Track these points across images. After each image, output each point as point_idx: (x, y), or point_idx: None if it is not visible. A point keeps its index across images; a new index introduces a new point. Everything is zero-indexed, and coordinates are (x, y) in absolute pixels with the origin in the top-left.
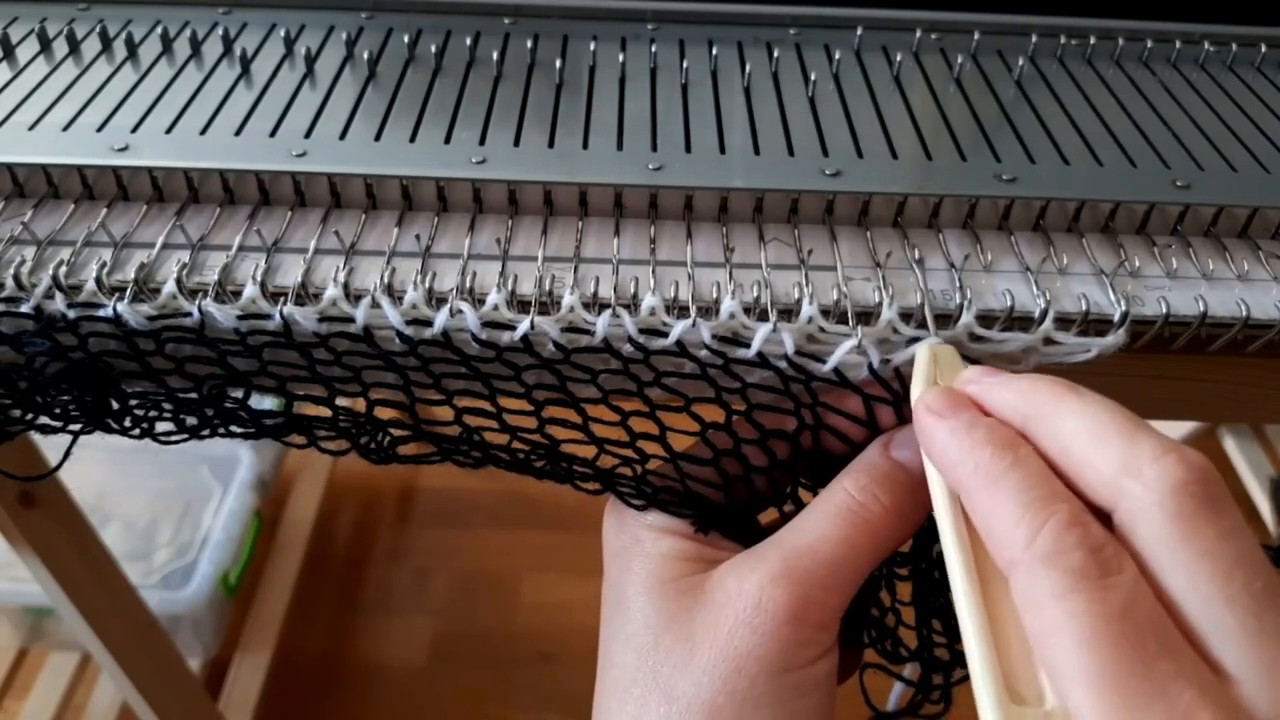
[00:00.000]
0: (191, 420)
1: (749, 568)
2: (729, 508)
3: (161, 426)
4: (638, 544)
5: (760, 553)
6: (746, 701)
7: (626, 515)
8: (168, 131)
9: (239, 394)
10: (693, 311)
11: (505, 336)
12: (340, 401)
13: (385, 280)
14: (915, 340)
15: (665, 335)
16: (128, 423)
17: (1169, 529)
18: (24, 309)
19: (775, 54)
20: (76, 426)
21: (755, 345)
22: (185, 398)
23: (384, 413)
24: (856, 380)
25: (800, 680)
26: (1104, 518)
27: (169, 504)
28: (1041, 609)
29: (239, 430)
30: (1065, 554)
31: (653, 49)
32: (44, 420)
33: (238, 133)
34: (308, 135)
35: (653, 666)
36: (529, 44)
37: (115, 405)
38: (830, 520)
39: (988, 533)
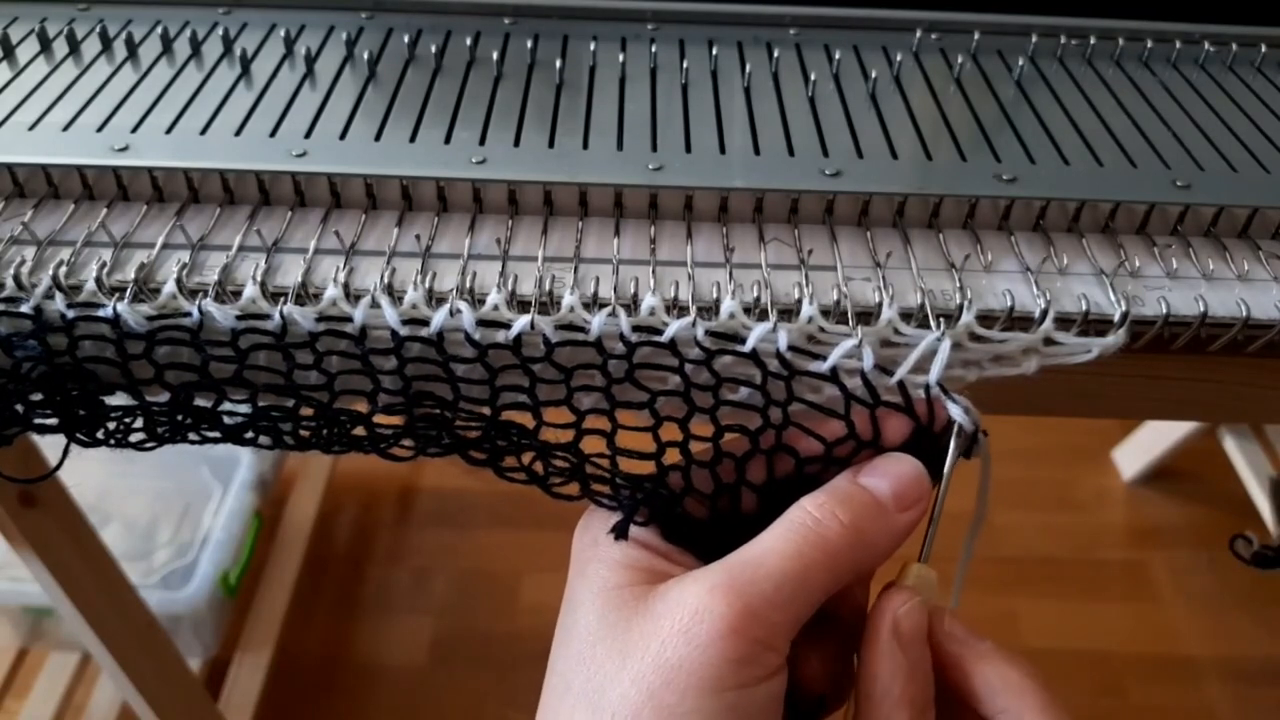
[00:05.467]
0: (163, 429)
1: (691, 579)
2: (704, 524)
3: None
4: (595, 546)
5: (708, 567)
6: (673, 717)
7: (594, 519)
8: (168, 131)
9: (210, 400)
10: (692, 311)
11: (501, 335)
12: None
13: (385, 280)
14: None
15: (661, 334)
16: (100, 434)
17: None
18: (24, 309)
19: (775, 54)
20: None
21: (751, 342)
22: (158, 405)
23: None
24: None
25: (736, 701)
26: None
27: (169, 504)
28: None
29: (210, 435)
30: None
31: (653, 49)
32: (40, 421)
33: (238, 133)
34: (308, 135)
35: (586, 675)
36: (529, 44)
37: (91, 414)
38: (782, 535)
39: None
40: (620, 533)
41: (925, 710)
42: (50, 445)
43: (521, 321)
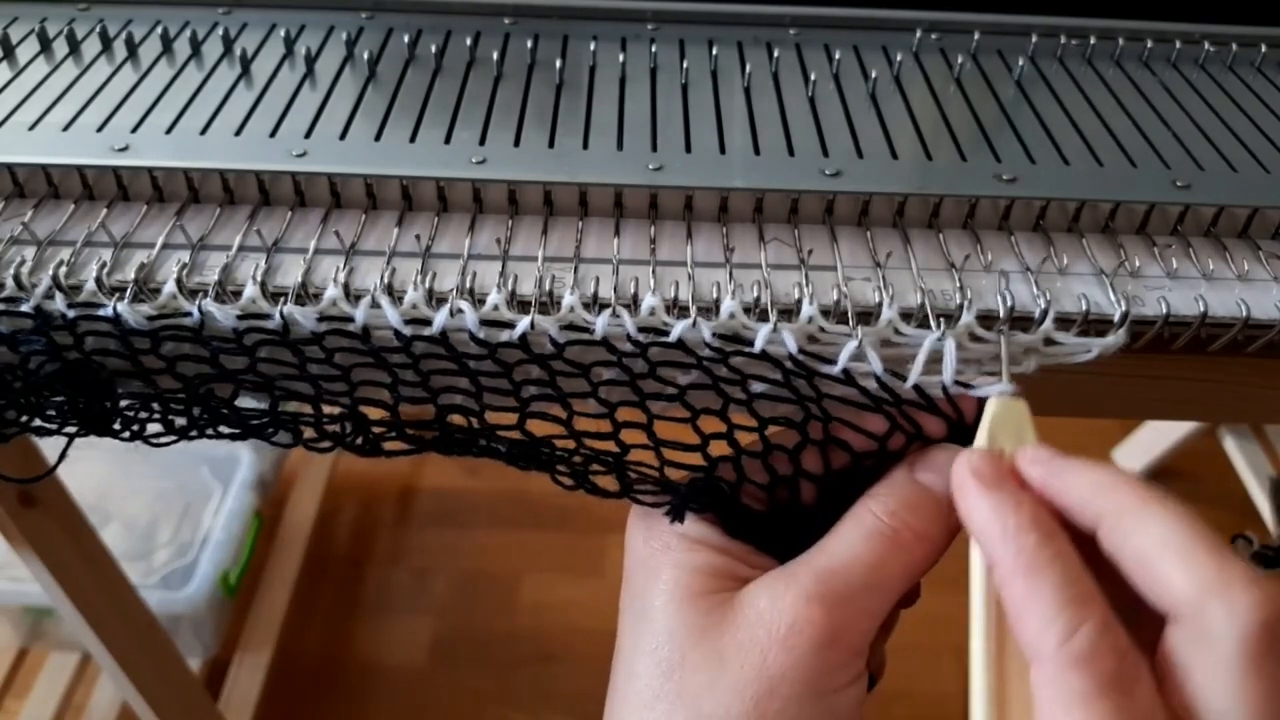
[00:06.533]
0: (180, 421)
1: (783, 586)
2: (765, 516)
3: (151, 428)
4: (668, 551)
5: (792, 572)
6: None
7: (656, 521)
8: (168, 131)
9: (227, 393)
10: (693, 311)
11: (504, 334)
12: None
13: (385, 280)
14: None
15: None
16: (118, 425)
17: (1241, 661)
18: (24, 309)
19: (775, 54)
20: (71, 429)
21: (758, 342)
22: (175, 398)
23: (374, 412)
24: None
25: (832, 705)
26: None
27: (169, 504)
28: (1068, 709)
29: (226, 431)
30: (1098, 659)
31: (653, 49)
32: (39, 423)
33: (238, 133)
34: (308, 135)
35: (678, 683)
36: (529, 44)
37: (107, 406)
38: (863, 543)
39: (1018, 619)
40: (677, 515)
41: (1053, 535)
42: (50, 445)
43: (524, 323)
